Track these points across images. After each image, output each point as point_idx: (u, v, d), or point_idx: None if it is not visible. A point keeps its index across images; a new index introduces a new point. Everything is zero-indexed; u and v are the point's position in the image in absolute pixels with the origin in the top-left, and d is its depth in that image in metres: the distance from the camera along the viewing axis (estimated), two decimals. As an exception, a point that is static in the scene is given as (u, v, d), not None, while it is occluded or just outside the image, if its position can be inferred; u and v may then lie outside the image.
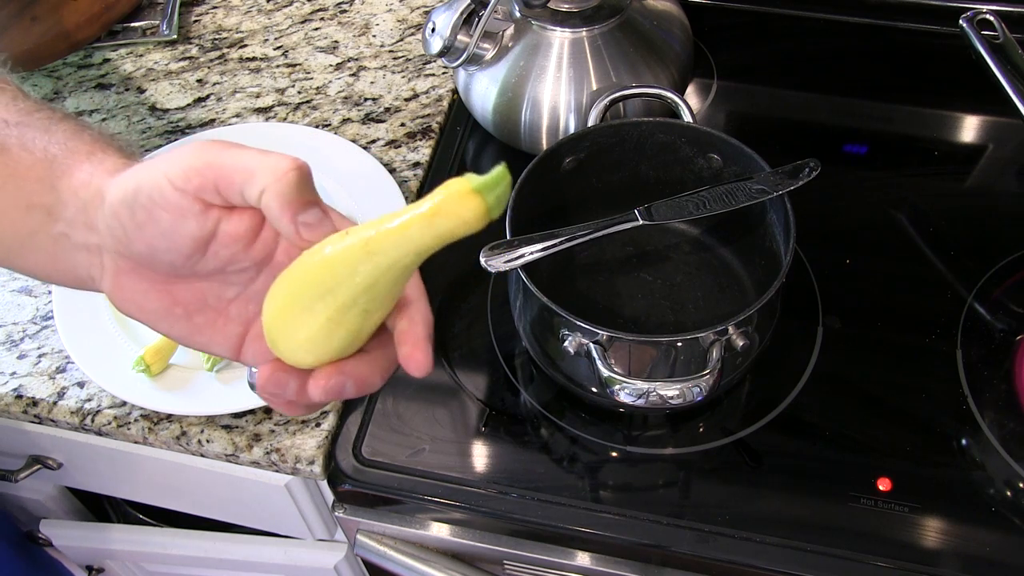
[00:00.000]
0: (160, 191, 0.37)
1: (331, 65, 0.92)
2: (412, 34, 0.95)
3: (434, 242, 0.33)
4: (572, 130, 0.77)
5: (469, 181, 0.32)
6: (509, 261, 0.61)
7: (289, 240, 0.38)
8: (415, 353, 0.37)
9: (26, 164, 0.40)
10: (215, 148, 0.37)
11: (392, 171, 0.81)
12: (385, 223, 0.34)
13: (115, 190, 0.38)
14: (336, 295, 0.36)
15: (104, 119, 0.89)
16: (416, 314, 0.38)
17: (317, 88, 0.90)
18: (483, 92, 0.79)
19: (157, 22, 0.96)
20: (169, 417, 0.68)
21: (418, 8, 0.97)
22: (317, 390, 0.38)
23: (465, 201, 0.32)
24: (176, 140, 0.86)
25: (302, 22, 0.97)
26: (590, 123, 0.72)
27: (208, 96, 0.90)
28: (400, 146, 0.84)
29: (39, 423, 0.72)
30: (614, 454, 0.66)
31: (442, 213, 0.33)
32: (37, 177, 0.40)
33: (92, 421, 0.69)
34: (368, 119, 0.87)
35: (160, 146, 0.86)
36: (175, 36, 0.95)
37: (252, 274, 0.41)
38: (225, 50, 0.95)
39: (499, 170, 0.33)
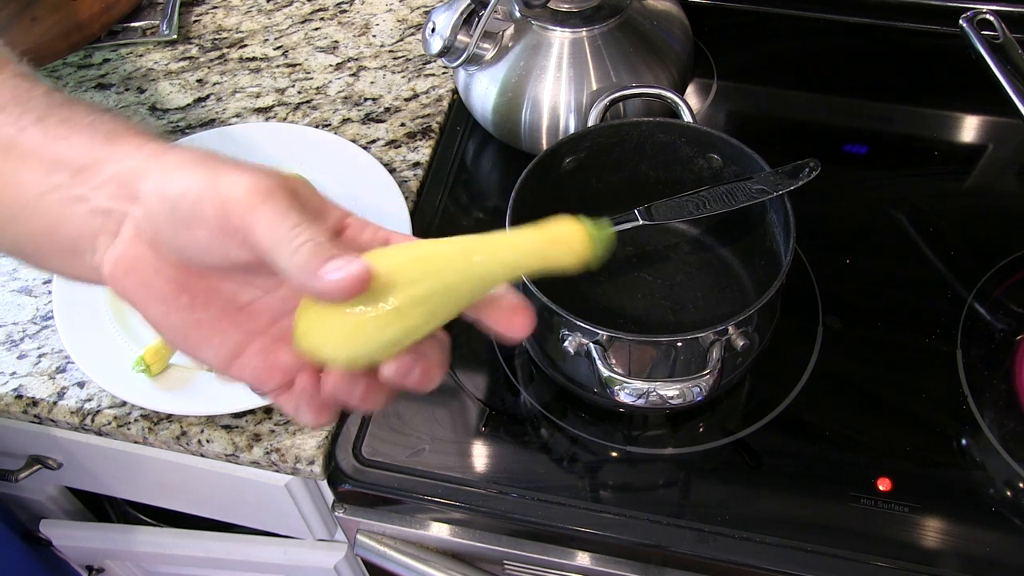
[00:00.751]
0: (201, 210, 0.36)
1: (331, 65, 0.92)
2: (412, 34, 0.95)
3: (539, 264, 0.35)
4: (572, 130, 0.77)
5: (583, 222, 0.35)
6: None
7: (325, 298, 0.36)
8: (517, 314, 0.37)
9: (62, 134, 0.39)
10: (263, 197, 0.35)
11: (392, 171, 0.81)
12: (493, 235, 0.35)
13: (161, 177, 0.37)
14: (415, 286, 0.35)
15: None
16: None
17: (317, 88, 0.90)
18: (483, 92, 0.79)
19: (157, 22, 0.96)
20: (169, 417, 0.68)
21: (418, 8, 0.97)
22: (390, 369, 0.37)
23: (581, 238, 0.34)
24: (176, 140, 0.86)
25: (302, 22, 0.97)
26: (590, 123, 0.72)
27: (208, 96, 0.90)
28: (400, 146, 0.84)
29: (39, 423, 0.72)
30: (614, 454, 0.66)
31: (558, 241, 0.35)
32: (77, 143, 0.39)
33: (92, 421, 0.69)
34: (368, 119, 0.87)
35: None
36: (175, 36, 0.95)
37: (277, 282, 0.39)
38: (225, 50, 0.95)
39: (605, 224, 0.35)
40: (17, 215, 0.40)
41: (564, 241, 0.35)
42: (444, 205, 0.80)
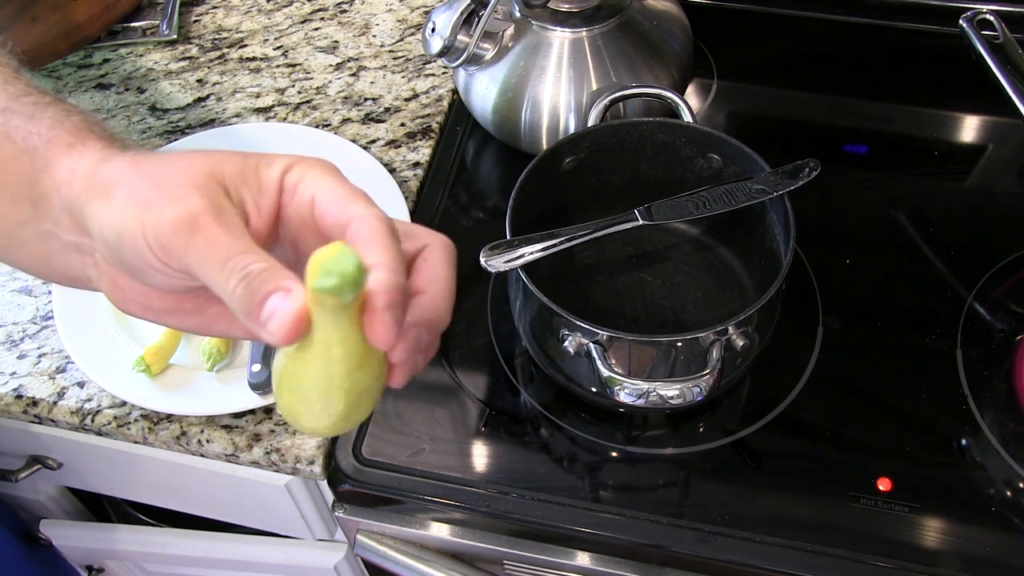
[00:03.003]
0: (142, 253, 0.34)
1: (331, 65, 0.92)
2: (412, 34, 0.95)
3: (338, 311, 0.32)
4: (572, 130, 0.77)
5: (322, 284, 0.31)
6: (509, 261, 0.61)
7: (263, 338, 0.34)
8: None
9: (9, 155, 0.38)
10: (190, 231, 0.33)
11: (392, 171, 0.81)
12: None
13: (95, 212, 0.35)
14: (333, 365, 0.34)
15: (104, 119, 0.89)
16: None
17: (317, 88, 0.90)
18: (483, 92, 0.79)
19: (157, 22, 0.96)
20: (169, 417, 0.68)
21: (418, 8, 0.97)
22: (399, 354, 0.34)
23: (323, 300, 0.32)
24: (176, 140, 0.86)
25: (302, 22, 0.97)
26: (590, 123, 0.72)
27: (208, 96, 0.90)
28: (400, 146, 0.84)
29: (39, 423, 0.72)
30: (614, 454, 0.66)
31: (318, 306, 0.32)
32: (20, 170, 0.37)
33: (92, 421, 0.69)
34: (368, 119, 0.87)
35: (160, 147, 0.86)
36: (175, 36, 0.95)
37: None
38: (225, 50, 0.95)
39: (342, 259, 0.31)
40: (8, 244, 0.39)
41: (323, 304, 0.32)
42: (444, 205, 0.80)
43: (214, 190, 0.34)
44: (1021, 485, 0.63)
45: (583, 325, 0.59)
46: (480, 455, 0.66)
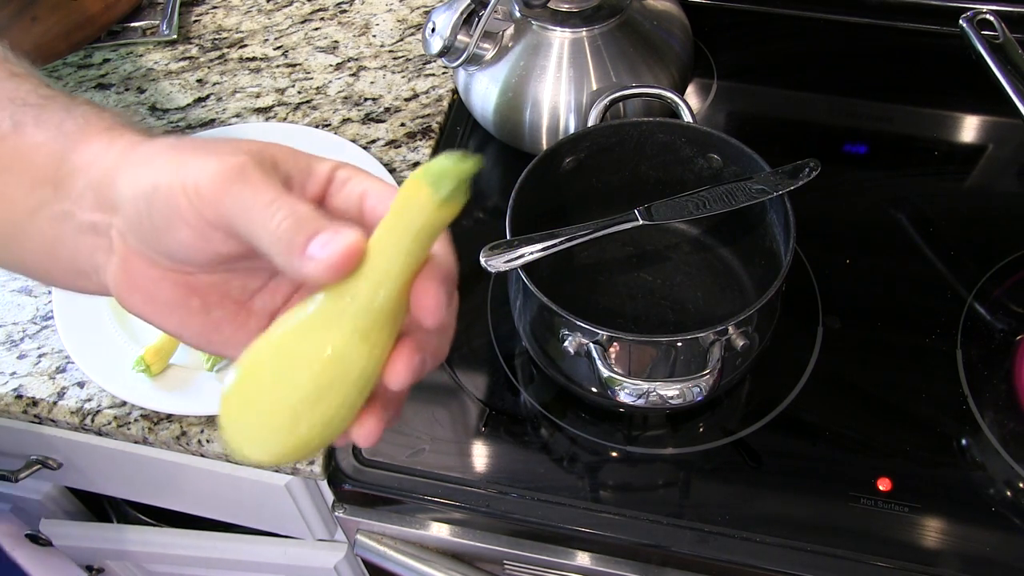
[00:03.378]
0: (176, 206, 0.33)
1: (331, 65, 0.92)
2: (412, 34, 0.95)
3: (416, 239, 0.32)
4: (572, 130, 0.77)
5: (420, 173, 0.31)
6: (509, 261, 0.61)
7: (297, 278, 0.33)
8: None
9: (38, 140, 0.37)
10: (232, 180, 0.32)
11: (392, 171, 0.81)
12: (371, 255, 0.32)
13: (131, 178, 0.34)
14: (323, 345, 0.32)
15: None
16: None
17: (317, 88, 0.90)
18: (483, 92, 0.79)
19: (157, 22, 0.96)
20: (169, 417, 0.68)
21: (418, 8, 0.97)
22: (398, 376, 0.33)
23: (423, 192, 0.31)
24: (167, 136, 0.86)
25: (302, 22, 0.97)
26: (590, 123, 0.72)
27: (208, 96, 0.90)
28: (400, 146, 0.84)
29: (39, 423, 0.72)
30: (614, 454, 0.66)
31: (407, 207, 0.32)
32: (49, 152, 0.36)
33: (92, 421, 0.69)
34: (368, 119, 0.87)
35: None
36: (175, 36, 0.95)
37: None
38: (225, 50, 0.95)
39: (453, 159, 0.32)
40: (14, 235, 0.38)
41: (412, 204, 0.31)
42: (444, 205, 0.80)
43: (263, 159, 0.34)
44: (1021, 485, 0.63)
45: (583, 325, 0.59)
46: (480, 455, 0.66)
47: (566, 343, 0.60)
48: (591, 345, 0.59)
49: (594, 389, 0.63)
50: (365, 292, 0.32)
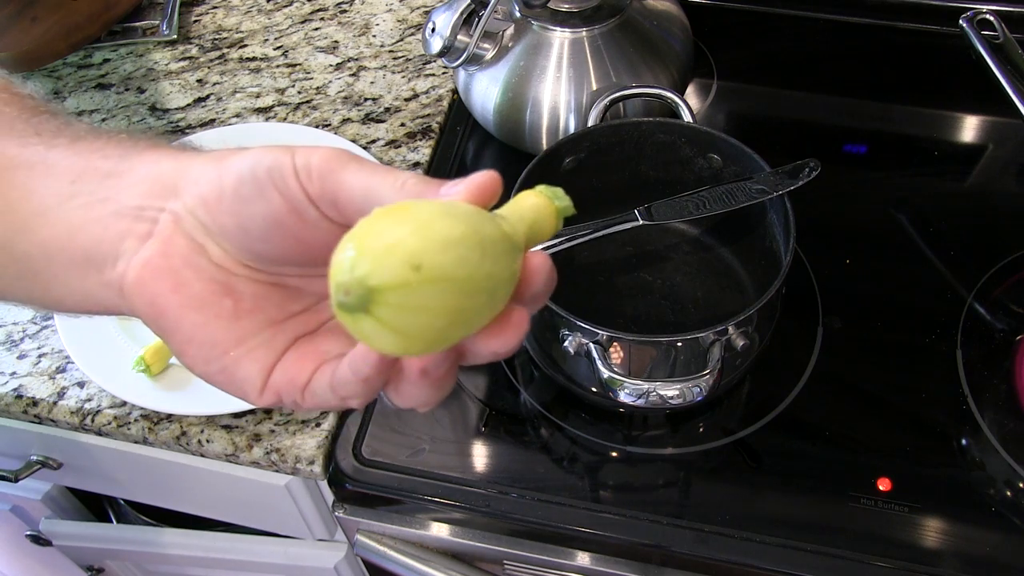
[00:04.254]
0: (281, 171, 0.32)
1: (331, 65, 0.92)
2: (412, 34, 0.95)
3: (540, 230, 0.35)
4: (572, 130, 0.77)
5: (547, 195, 0.35)
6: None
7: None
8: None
9: (97, 145, 0.36)
10: (345, 159, 0.32)
11: (392, 171, 0.81)
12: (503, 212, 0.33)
13: (211, 166, 0.34)
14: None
15: (104, 119, 0.89)
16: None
17: (317, 88, 0.90)
18: (483, 92, 0.79)
19: (157, 22, 0.96)
20: (169, 417, 0.68)
21: (418, 8, 0.97)
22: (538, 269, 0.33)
23: (551, 211, 0.35)
24: (176, 140, 0.86)
25: (302, 22, 0.97)
26: (590, 123, 0.72)
27: (208, 96, 0.90)
28: (400, 146, 0.84)
29: (39, 423, 0.72)
30: (614, 454, 0.66)
31: (538, 216, 0.35)
32: (105, 155, 0.36)
33: (92, 421, 0.69)
34: (368, 119, 0.87)
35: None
36: (175, 36, 0.95)
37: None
38: (225, 50, 0.95)
39: (558, 190, 0.35)
40: (31, 224, 0.36)
41: (542, 216, 0.34)
42: (444, 205, 0.80)
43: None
44: (1021, 485, 0.63)
45: (583, 325, 0.59)
46: (480, 455, 0.66)
47: (566, 343, 0.60)
48: (591, 345, 0.59)
49: (594, 389, 0.63)
50: (504, 223, 0.32)
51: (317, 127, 0.86)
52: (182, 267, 0.33)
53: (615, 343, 0.59)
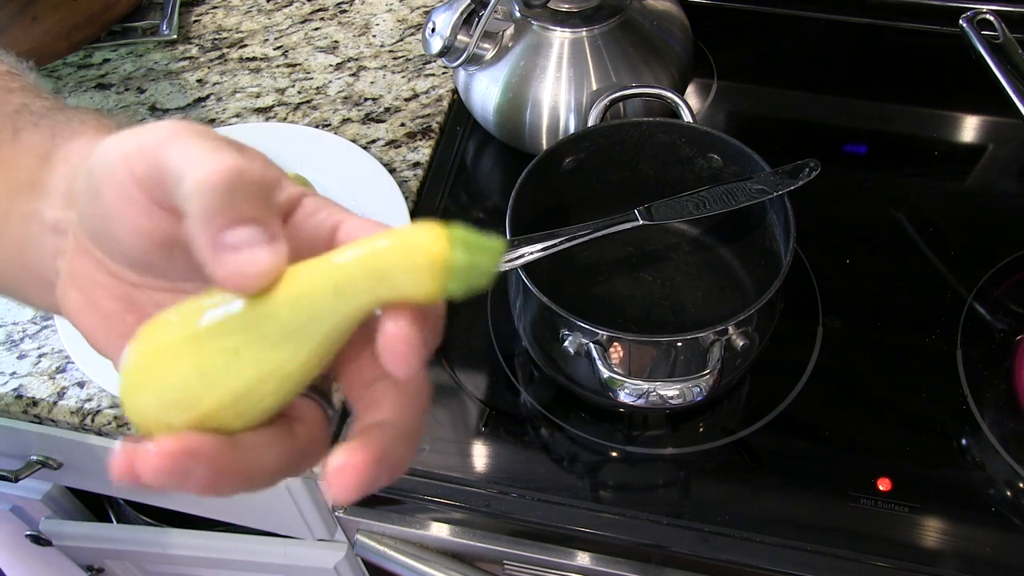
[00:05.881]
0: (110, 163, 0.29)
1: (331, 65, 0.92)
2: (412, 34, 0.95)
3: (371, 295, 0.26)
4: (572, 130, 0.77)
5: (446, 230, 0.25)
6: (509, 261, 0.61)
7: (205, 268, 0.27)
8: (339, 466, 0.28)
9: (32, 143, 0.35)
10: (174, 132, 0.28)
11: (392, 171, 0.81)
12: (325, 257, 0.27)
13: (90, 156, 0.31)
14: (243, 333, 0.27)
15: (104, 119, 0.89)
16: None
17: (317, 88, 0.90)
18: (483, 92, 0.79)
19: (157, 22, 0.96)
20: (169, 417, 0.68)
21: (418, 8, 0.97)
22: (340, 486, 0.28)
23: (430, 256, 0.25)
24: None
25: (302, 22, 0.97)
26: (590, 123, 0.72)
27: (208, 96, 0.90)
28: (400, 146, 0.84)
29: (39, 423, 0.72)
30: (614, 454, 0.66)
31: (399, 258, 0.25)
32: (37, 152, 0.34)
33: (92, 421, 0.69)
34: (368, 119, 0.87)
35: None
36: (175, 36, 0.95)
37: None
38: (225, 50, 0.95)
39: (493, 240, 0.26)
40: None
41: (406, 259, 0.25)
42: (444, 205, 0.80)
43: (225, 136, 0.30)
44: (1021, 485, 0.63)
45: (583, 325, 0.59)
46: (480, 455, 0.66)
47: (566, 343, 0.60)
48: (591, 345, 0.59)
49: (594, 389, 0.63)
50: (292, 318, 0.27)
51: (317, 127, 0.86)
52: (87, 286, 0.32)
53: (615, 343, 0.59)
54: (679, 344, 0.59)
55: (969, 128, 0.86)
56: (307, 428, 0.31)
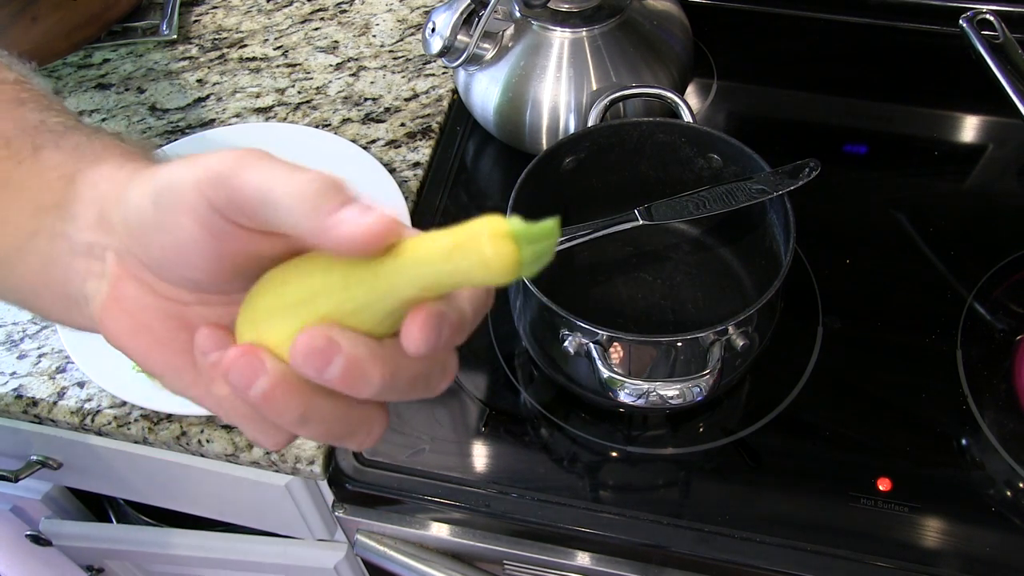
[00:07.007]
0: (182, 193, 0.30)
1: (331, 65, 0.92)
2: (412, 34, 0.95)
3: (447, 279, 0.28)
4: (572, 130, 0.77)
5: (508, 223, 0.28)
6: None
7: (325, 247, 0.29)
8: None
9: (54, 162, 0.36)
10: (242, 159, 0.30)
11: (392, 171, 0.81)
12: (404, 245, 0.29)
13: (144, 183, 0.32)
14: (318, 304, 0.30)
15: (104, 119, 0.89)
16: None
17: (317, 88, 0.90)
18: (483, 92, 0.79)
19: (157, 22, 0.96)
20: (169, 417, 0.68)
21: (418, 8, 0.97)
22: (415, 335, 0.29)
23: (495, 244, 0.27)
24: (176, 140, 0.86)
25: (302, 22, 0.97)
26: (590, 123, 0.72)
27: (208, 96, 0.90)
28: (400, 146, 0.84)
29: (39, 423, 0.72)
30: (614, 454, 0.66)
31: (463, 249, 0.27)
32: (61, 173, 0.35)
33: (92, 421, 0.69)
34: (368, 119, 0.87)
35: (160, 146, 0.86)
36: (175, 36, 0.95)
37: None
38: (225, 50, 0.95)
39: (548, 224, 0.28)
40: (11, 258, 0.36)
41: (473, 249, 0.27)
42: (444, 205, 0.80)
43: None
44: (1021, 485, 0.63)
45: (583, 325, 0.59)
46: (480, 455, 0.66)
47: (566, 343, 0.60)
48: (591, 345, 0.59)
49: (594, 389, 0.63)
50: (378, 288, 0.29)
51: (317, 127, 0.86)
52: (136, 310, 0.33)
53: (615, 343, 0.59)
54: (679, 344, 0.59)
55: (969, 128, 0.86)
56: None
